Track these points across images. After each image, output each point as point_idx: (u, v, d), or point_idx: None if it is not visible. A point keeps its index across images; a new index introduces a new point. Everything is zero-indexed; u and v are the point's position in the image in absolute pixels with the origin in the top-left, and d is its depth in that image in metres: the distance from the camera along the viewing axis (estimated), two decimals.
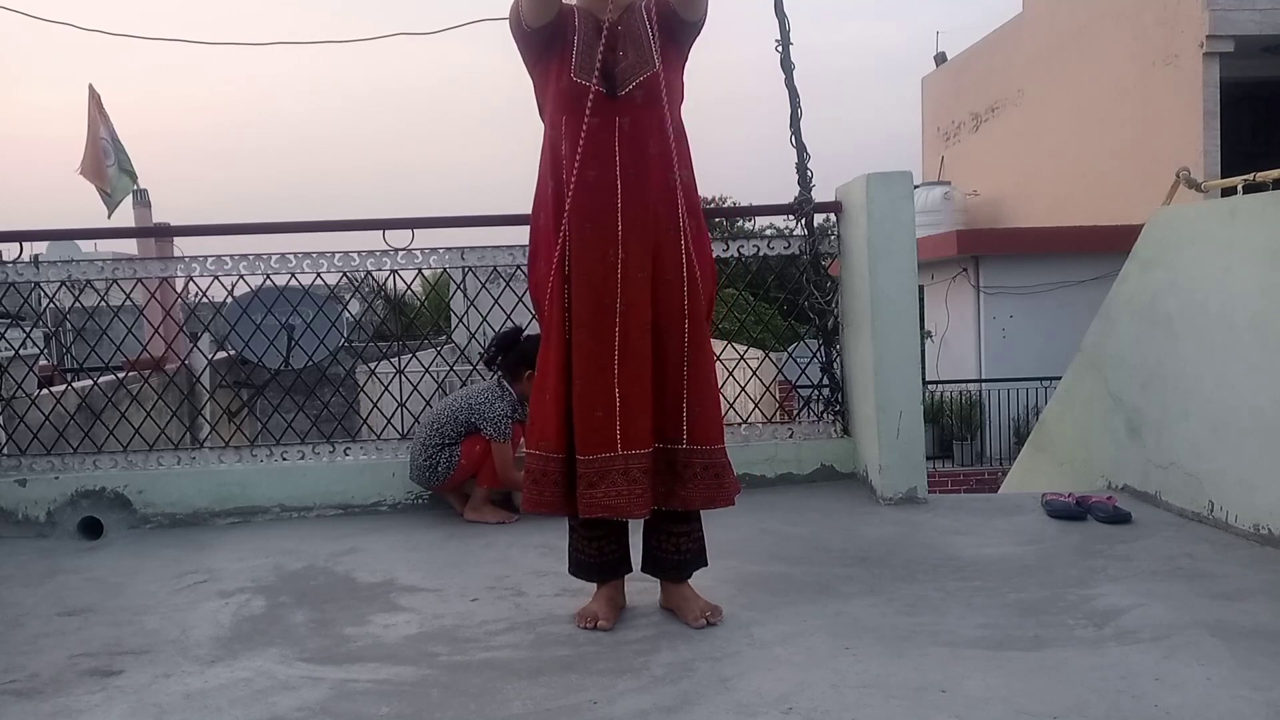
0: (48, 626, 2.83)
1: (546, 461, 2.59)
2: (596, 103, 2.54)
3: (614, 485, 2.51)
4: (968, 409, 12.62)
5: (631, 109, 2.56)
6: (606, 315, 2.54)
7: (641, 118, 2.57)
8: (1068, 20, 15.24)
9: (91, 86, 8.95)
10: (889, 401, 3.83)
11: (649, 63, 2.57)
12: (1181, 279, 3.71)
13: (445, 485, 3.90)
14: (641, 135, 2.57)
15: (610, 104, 2.55)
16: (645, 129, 2.57)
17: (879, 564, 3.11)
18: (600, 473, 2.51)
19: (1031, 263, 13.04)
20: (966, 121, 18.79)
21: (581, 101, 2.54)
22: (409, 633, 2.65)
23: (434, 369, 4.86)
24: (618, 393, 2.52)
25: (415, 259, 4.14)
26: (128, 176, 9.18)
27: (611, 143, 2.55)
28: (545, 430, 2.59)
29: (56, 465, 4.05)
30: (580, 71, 2.55)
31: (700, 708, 2.13)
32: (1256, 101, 13.57)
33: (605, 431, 2.52)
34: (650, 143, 2.58)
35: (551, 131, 2.62)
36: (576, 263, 2.57)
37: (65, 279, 4.16)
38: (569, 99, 2.56)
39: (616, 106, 2.56)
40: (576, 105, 2.55)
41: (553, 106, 2.61)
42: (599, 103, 2.55)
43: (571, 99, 2.55)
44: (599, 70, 2.54)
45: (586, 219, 2.56)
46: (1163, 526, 3.47)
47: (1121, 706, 2.06)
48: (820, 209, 4.30)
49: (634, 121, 2.57)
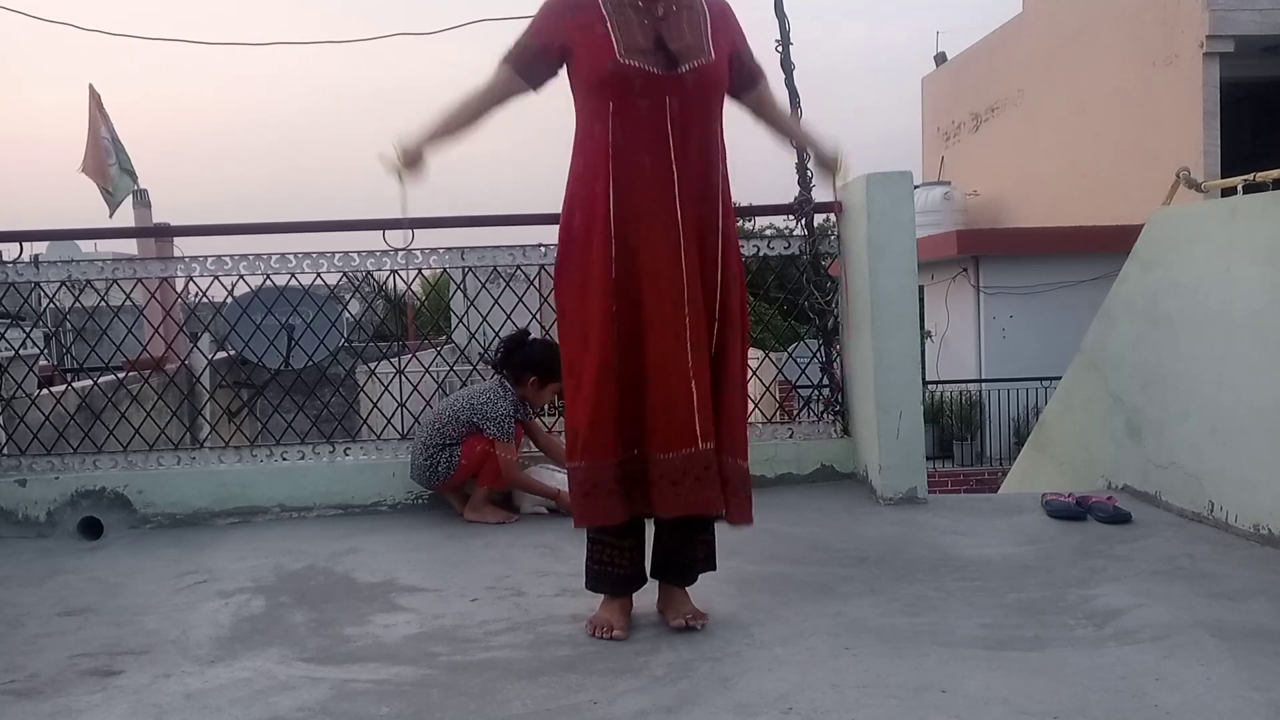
0: (48, 626, 2.83)
1: (597, 471, 2.44)
2: (646, 84, 2.41)
3: (701, 481, 2.40)
4: (968, 409, 12.62)
5: (682, 91, 2.44)
6: (676, 310, 2.42)
7: (691, 103, 2.45)
8: (1068, 20, 15.24)
9: (91, 86, 8.96)
10: (889, 401, 3.83)
11: (705, 51, 2.47)
12: (1181, 279, 3.71)
13: (445, 485, 3.90)
14: (689, 122, 2.45)
15: (659, 84, 2.42)
16: (692, 116, 2.45)
17: (879, 564, 3.11)
18: (682, 469, 2.40)
19: (1031, 263, 13.04)
20: (966, 122, 18.79)
21: (630, 84, 2.41)
22: (409, 633, 2.65)
23: (434, 369, 4.86)
24: (694, 388, 2.41)
25: (415, 259, 4.14)
26: (128, 176, 9.19)
27: (664, 126, 2.43)
28: (595, 438, 2.44)
29: (56, 465, 4.05)
30: (628, 52, 2.41)
31: (700, 708, 2.13)
32: (1256, 101, 13.57)
33: (687, 427, 2.40)
34: (695, 131, 2.47)
35: (593, 121, 2.48)
36: (640, 259, 2.43)
37: (65, 279, 4.16)
38: (615, 84, 2.42)
39: (666, 86, 2.42)
40: (624, 89, 2.42)
41: (595, 94, 2.47)
42: (648, 84, 2.41)
43: (618, 83, 2.42)
44: (651, 46, 2.42)
45: (645, 212, 2.43)
46: (1163, 526, 3.47)
47: (1121, 706, 2.06)
48: (820, 209, 4.30)
49: (683, 105, 2.44)
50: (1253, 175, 4.16)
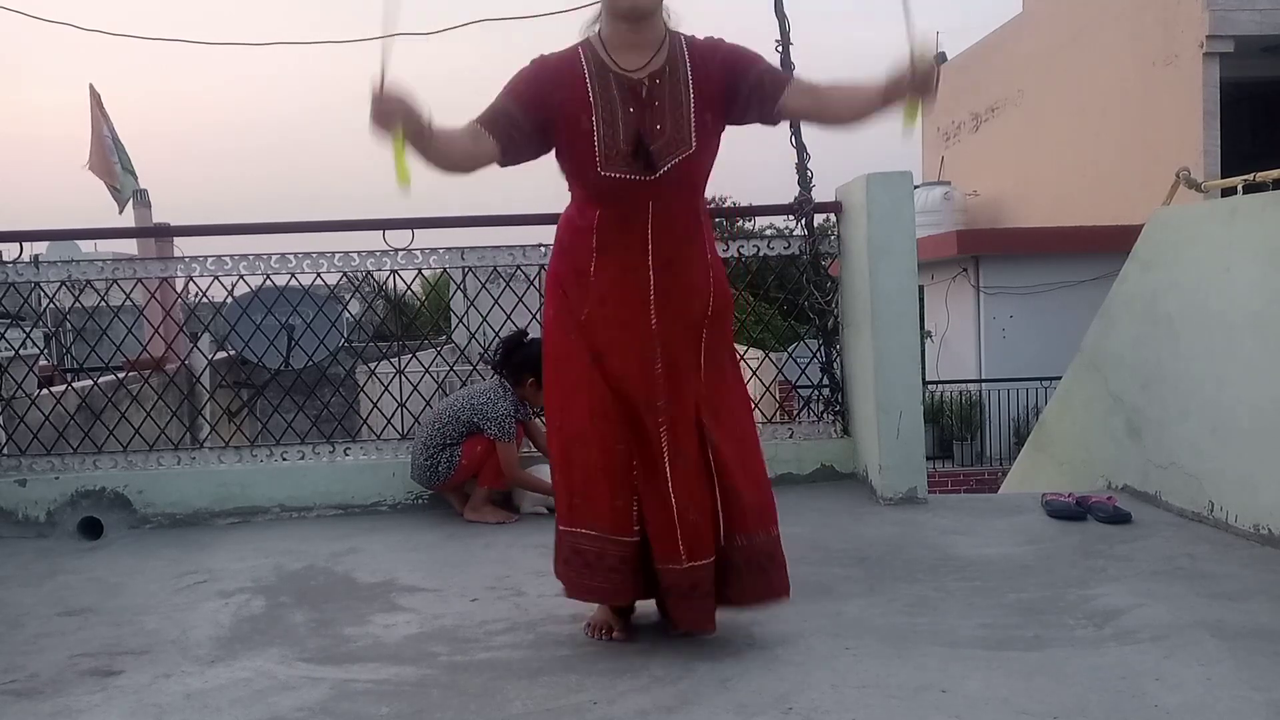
0: (48, 626, 2.83)
1: (600, 543, 2.38)
2: (626, 190, 2.38)
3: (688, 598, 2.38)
4: (968, 409, 12.62)
5: (661, 191, 2.38)
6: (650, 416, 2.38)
7: (674, 201, 2.41)
8: (1068, 20, 15.23)
9: (92, 86, 8.96)
10: (889, 401, 3.83)
11: (686, 142, 2.37)
12: (1181, 279, 3.71)
13: (446, 485, 3.90)
14: (671, 219, 2.41)
15: (639, 190, 2.37)
16: (676, 213, 2.42)
17: (879, 564, 3.11)
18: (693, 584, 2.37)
19: (1031, 263, 13.04)
20: (966, 121, 18.78)
21: (612, 192, 2.39)
22: (409, 633, 2.65)
23: (434, 369, 4.86)
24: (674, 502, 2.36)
25: (415, 259, 4.14)
26: (129, 176, 9.19)
27: (645, 229, 2.39)
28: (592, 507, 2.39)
29: (56, 465, 4.05)
30: (608, 164, 2.36)
31: (700, 708, 2.13)
32: (1256, 101, 13.56)
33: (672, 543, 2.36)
34: (680, 220, 2.43)
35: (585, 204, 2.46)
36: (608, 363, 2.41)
37: (65, 279, 4.16)
38: (595, 190, 2.41)
39: (647, 190, 2.38)
40: (607, 196, 2.40)
41: (578, 193, 2.48)
42: (628, 190, 2.38)
43: (599, 191, 2.40)
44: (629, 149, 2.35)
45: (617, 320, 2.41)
46: (1163, 526, 3.47)
47: (1121, 706, 2.06)
48: (820, 209, 4.30)
49: (666, 205, 2.40)
50: (1253, 175, 4.16)
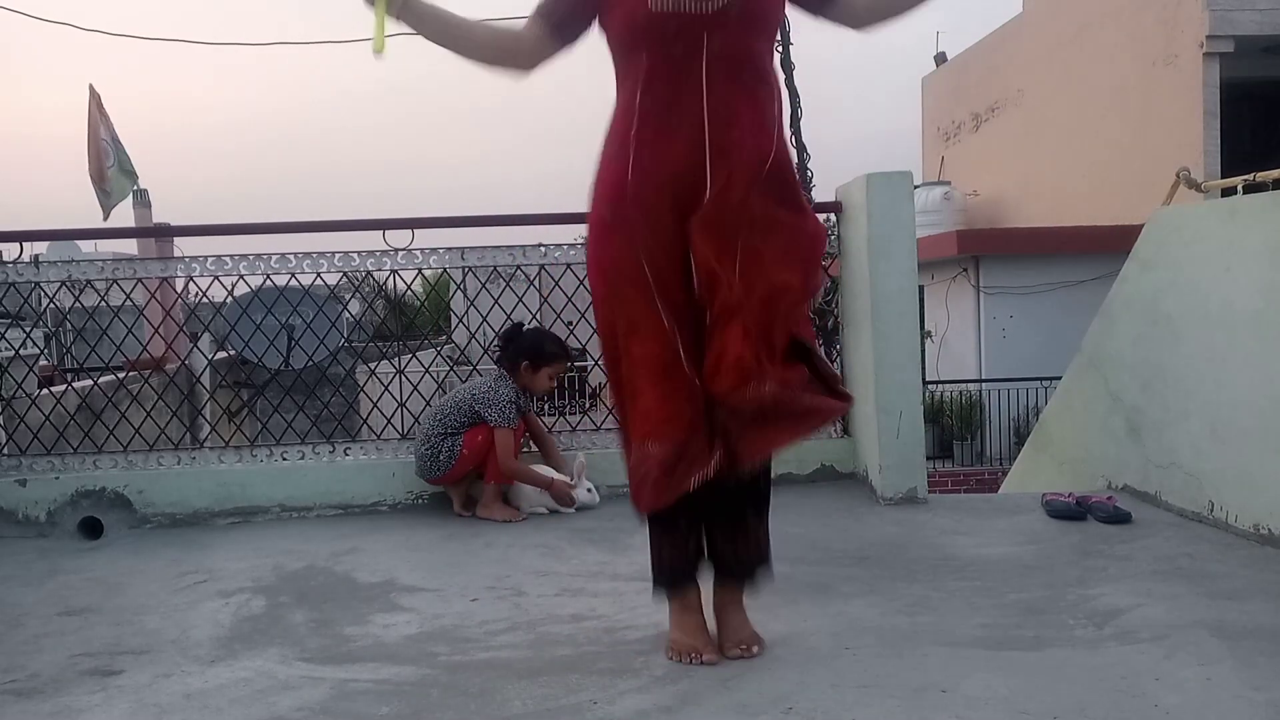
0: (48, 626, 2.83)
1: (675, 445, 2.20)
2: (682, 27, 2.07)
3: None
4: (968, 409, 12.63)
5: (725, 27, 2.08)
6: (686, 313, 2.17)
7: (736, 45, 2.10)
8: (1068, 20, 15.24)
9: (92, 86, 8.97)
10: (889, 401, 3.83)
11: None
12: (1181, 279, 3.71)
13: (447, 477, 3.90)
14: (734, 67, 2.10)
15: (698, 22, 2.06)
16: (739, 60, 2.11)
17: (879, 564, 3.11)
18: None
19: (1031, 263, 13.05)
20: (966, 121, 18.78)
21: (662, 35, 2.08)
22: (409, 633, 2.65)
23: (434, 369, 4.86)
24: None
25: (415, 259, 4.15)
26: (128, 177, 9.20)
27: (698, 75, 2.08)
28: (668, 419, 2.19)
29: (56, 465, 4.05)
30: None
31: (700, 708, 2.13)
32: (1256, 101, 13.55)
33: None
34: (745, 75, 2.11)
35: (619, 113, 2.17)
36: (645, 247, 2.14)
37: (65, 279, 4.16)
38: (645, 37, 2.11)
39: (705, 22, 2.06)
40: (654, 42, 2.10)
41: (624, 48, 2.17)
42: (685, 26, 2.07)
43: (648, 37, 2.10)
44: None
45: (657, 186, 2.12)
46: (1163, 526, 3.47)
47: (1121, 706, 2.06)
48: (820, 209, 4.29)
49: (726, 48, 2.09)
50: (1253, 175, 4.16)
